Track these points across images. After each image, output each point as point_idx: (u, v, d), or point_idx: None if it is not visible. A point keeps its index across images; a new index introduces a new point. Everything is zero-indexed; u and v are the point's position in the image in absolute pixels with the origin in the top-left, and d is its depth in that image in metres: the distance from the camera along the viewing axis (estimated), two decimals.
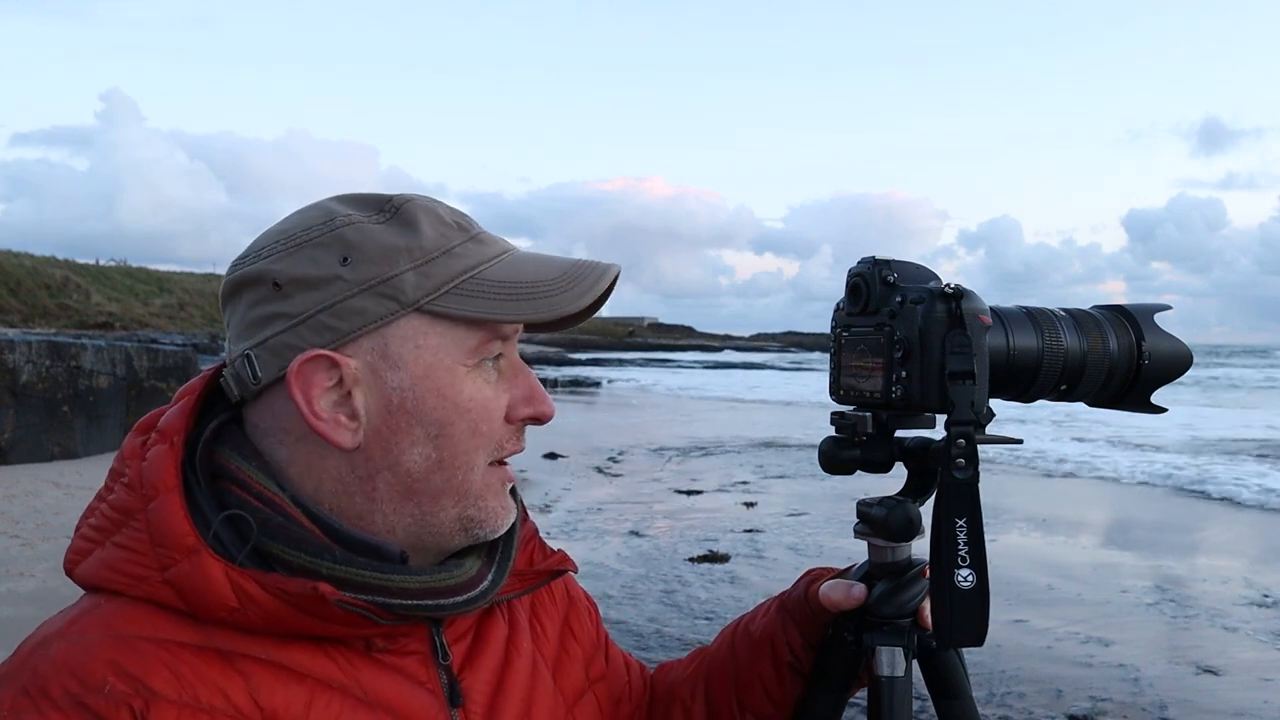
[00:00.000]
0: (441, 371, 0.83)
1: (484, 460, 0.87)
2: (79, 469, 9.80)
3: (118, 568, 0.78)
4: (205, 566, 0.76)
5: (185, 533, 0.77)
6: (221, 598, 0.76)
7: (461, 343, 0.84)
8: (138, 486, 0.80)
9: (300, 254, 0.82)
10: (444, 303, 0.82)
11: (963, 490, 0.90)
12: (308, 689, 0.79)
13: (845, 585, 1.00)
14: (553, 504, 9.56)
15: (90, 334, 21.48)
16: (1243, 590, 6.77)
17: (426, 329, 0.83)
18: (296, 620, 0.78)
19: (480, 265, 0.84)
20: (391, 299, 0.81)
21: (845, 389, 1.01)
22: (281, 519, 0.81)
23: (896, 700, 0.98)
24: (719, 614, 6.02)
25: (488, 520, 0.88)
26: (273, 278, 0.82)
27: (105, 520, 0.81)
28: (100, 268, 46.95)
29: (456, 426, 0.84)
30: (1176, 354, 1.04)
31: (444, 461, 0.84)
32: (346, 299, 0.81)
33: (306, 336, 0.81)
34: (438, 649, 0.88)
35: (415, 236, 0.83)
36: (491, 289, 0.84)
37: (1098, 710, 4.59)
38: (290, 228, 0.85)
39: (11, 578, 6.02)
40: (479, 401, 0.85)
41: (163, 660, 0.75)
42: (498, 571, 0.90)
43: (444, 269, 0.83)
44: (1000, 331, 0.97)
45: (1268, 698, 4.77)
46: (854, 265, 1.01)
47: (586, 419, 20.26)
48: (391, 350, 0.82)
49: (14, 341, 10.58)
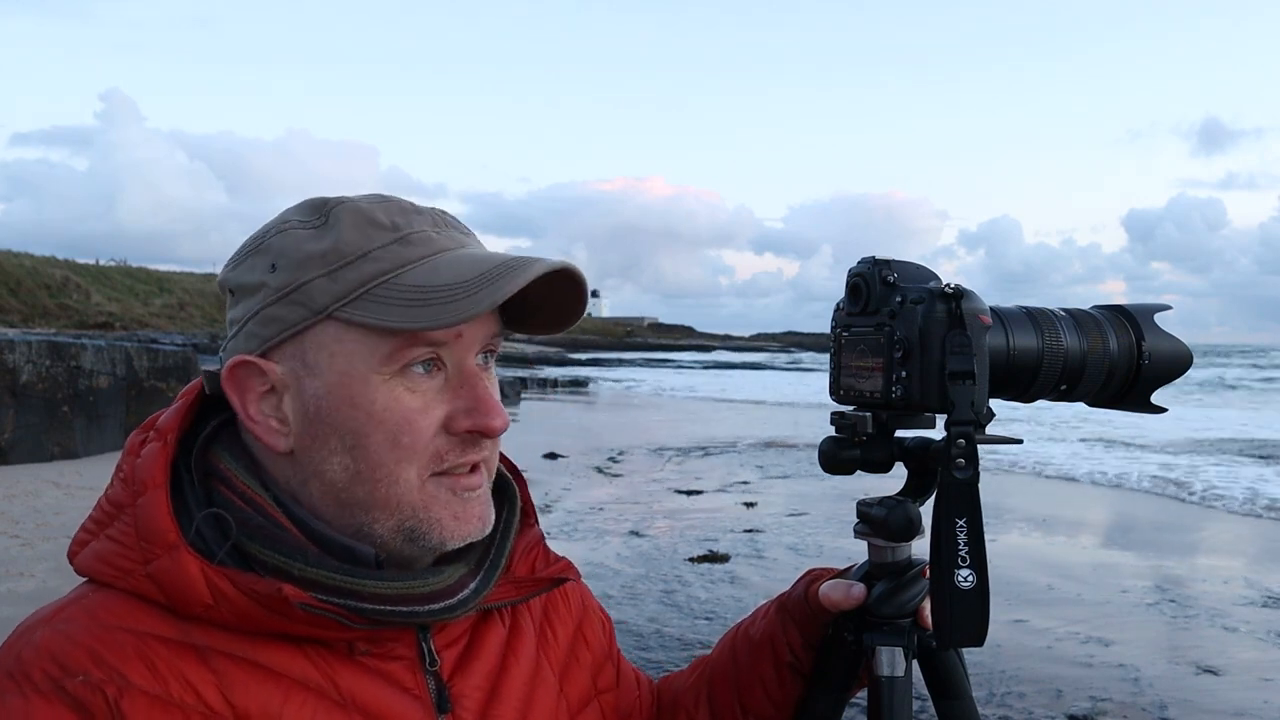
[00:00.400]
0: (355, 380, 0.81)
1: (412, 472, 0.83)
2: (79, 469, 9.80)
3: (107, 559, 0.81)
4: (183, 563, 0.78)
5: (167, 529, 0.79)
6: (198, 594, 0.78)
7: (375, 350, 0.81)
8: (130, 482, 0.82)
9: (245, 262, 0.86)
10: (353, 309, 0.80)
11: (963, 490, 0.90)
12: (283, 689, 0.80)
13: (845, 585, 1.00)
14: (553, 504, 9.56)
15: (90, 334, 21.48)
16: (1243, 590, 6.77)
17: (341, 335, 0.81)
18: (267, 620, 0.79)
19: (396, 270, 0.81)
20: (303, 305, 0.81)
21: (845, 389, 1.01)
22: (261, 519, 0.83)
23: (896, 700, 0.98)
24: (719, 614, 6.02)
25: (432, 532, 0.84)
26: (227, 285, 0.88)
27: (102, 513, 0.84)
28: (100, 268, 46.93)
29: (372, 438, 0.82)
30: (1176, 354, 1.04)
31: (363, 473, 0.82)
32: (268, 306, 0.83)
33: (241, 343, 0.85)
34: (425, 655, 0.87)
35: (333, 241, 0.82)
36: (402, 295, 0.80)
37: (1098, 710, 4.58)
38: (251, 235, 0.88)
39: (11, 578, 6.02)
40: (396, 412, 0.82)
41: (139, 652, 0.77)
42: (483, 579, 0.89)
43: (355, 274, 0.81)
44: (1000, 331, 0.97)
45: (1268, 698, 4.77)
46: (854, 265, 1.00)
47: (586, 419, 20.26)
48: (309, 357, 0.82)
49: (14, 341, 10.58)
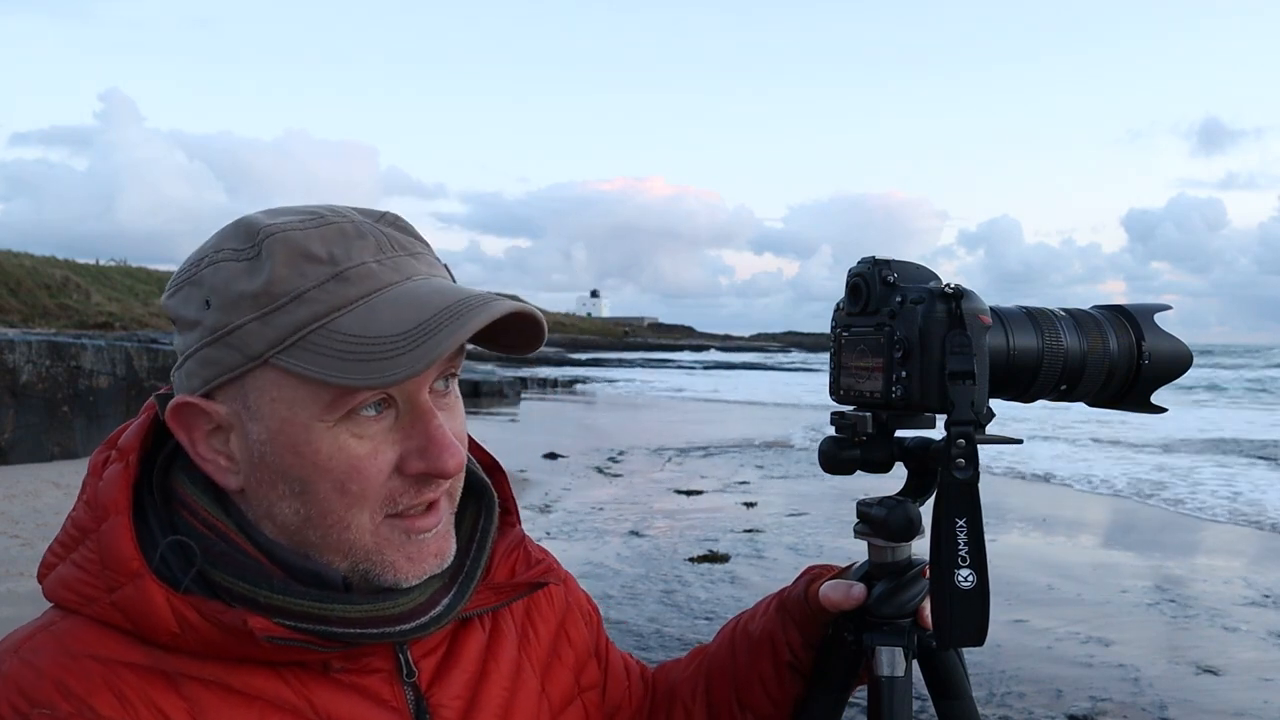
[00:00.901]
0: (296, 428, 0.78)
1: (364, 517, 0.80)
2: (79, 469, 9.77)
3: (72, 586, 0.79)
4: (148, 591, 0.76)
5: (130, 556, 0.77)
6: (164, 622, 0.76)
7: (315, 399, 0.77)
8: (93, 506, 0.80)
9: (182, 292, 0.81)
10: (287, 357, 0.76)
11: (963, 490, 0.90)
12: (256, 711, 0.79)
13: (845, 585, 1.00)
14: (553, 504, 9.56)
15: (90, 334, 21.46)
16: (1243, 590, 6.77)
17: (280, 381, 0.77)
18: (234, 647, 0.78)
19: (330, 314, 0.76)
20: (238, 350, 0.77)
21: (845, 389, 1.01)
22: (225, 546, 0.81)
23: (896, 700, 0.98)
24: (719, 614, 6.02)
25: (386, 573, 0.82)
26: (169, 313, 0.83)
27: (67, 536, 0.82)
28: (100, 268, 46.92)
29: (318, 486, 0.79)
30: (1176, 354, 1.04)
31: (313, 519, 0.80)
32: (204, 346, 0.79)
33: (183, 381, 0.81)
34: (402, 666, 0.86)
35: (265, 280, 0.76)
36: (337, 345, 0.75)
37: (1098, 710, 4.58)
38: (189, 258, 0.83)
39: (11, 578, 6.02)
40: (342, 460, 0.78)
41: (107, 681, 0.76)
42: (456, 594, 0.88)
43: (288, 319, 0.76)
44: (1000, 331, 0.97)
45: (1268, 698, 4.77)
46: (854, 265, 1.00)
47: (586, 419, 20.26)
48: (250, 401, 0.79)
49: (14, 341, 10.58)
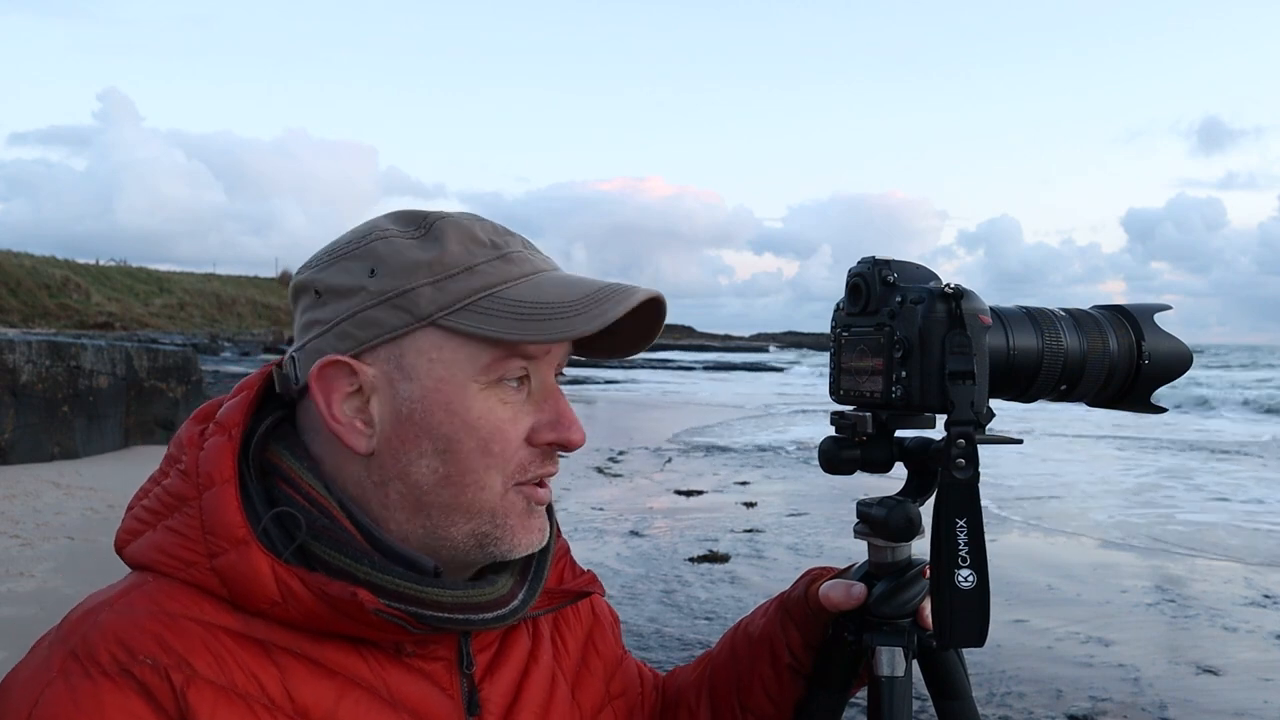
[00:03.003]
0: (452, 387, 0.84)
1: (498, 480, 0.86)
2: (79, 469, 9.80)
3: (168, 550, 0.81)
4: (253, 559, 0.79)
5: (237, 524, 0.80)
6: (265, 590, 0.79)
7: (475, 359, 0.84)
8: (194, 475, 0.82)
9: (338, 265, 0.87)
10: (457, 319, 0.83)
11: (963, 490, 0.91)
12: (338, 685, 0.81)
13: (845, 585, 1.00)
14: (553, 504, 9.56)
15: (90, 334, 21.46)
16: (1243, 590, 6.77)
17: (441, 343, 0.84)
18: (333, 620, 0.80)
19: (501, 284, 0.84)
20: (406, 311, 0.83)
21: (845, 389, 1.01)
22: (326, 521, 0.83)
23: (896, 700, 0.99)
24: (719, 614, 6.02)
25: (504, 539, 0.87)
26: (314, 286, 0.88)
27: (159, 504, 0.84)
28: (100, 268, 46.94)
29: (464, 444, 0.84)
30: (1176, 354, 1.04)
31: (451, 477, 0.85)
32: (367, 309, 0.84)
33: (332, 343, 0.85)
34: (463, 657, 0.89)
35: (439, 252, 0.84)
36: (507, 308, 0.83)
37: (1098, 710, 4.59)
38: (340, 240, 0.89)
39: (11, 578, 6.01)
40: (490, 421, 0.85)
41: (205, 641, 0.78)
42: (529, 590, 0.91)
43: (461, 285, 0.84)
44: (1000, 331, 0.97)
45: (1268, 698, 4.77)
46: (854, 265, 1.01)
47: (586, 419, 20.22)
48: (406, 361, 0.84)
49: (14, 341, 10.59)
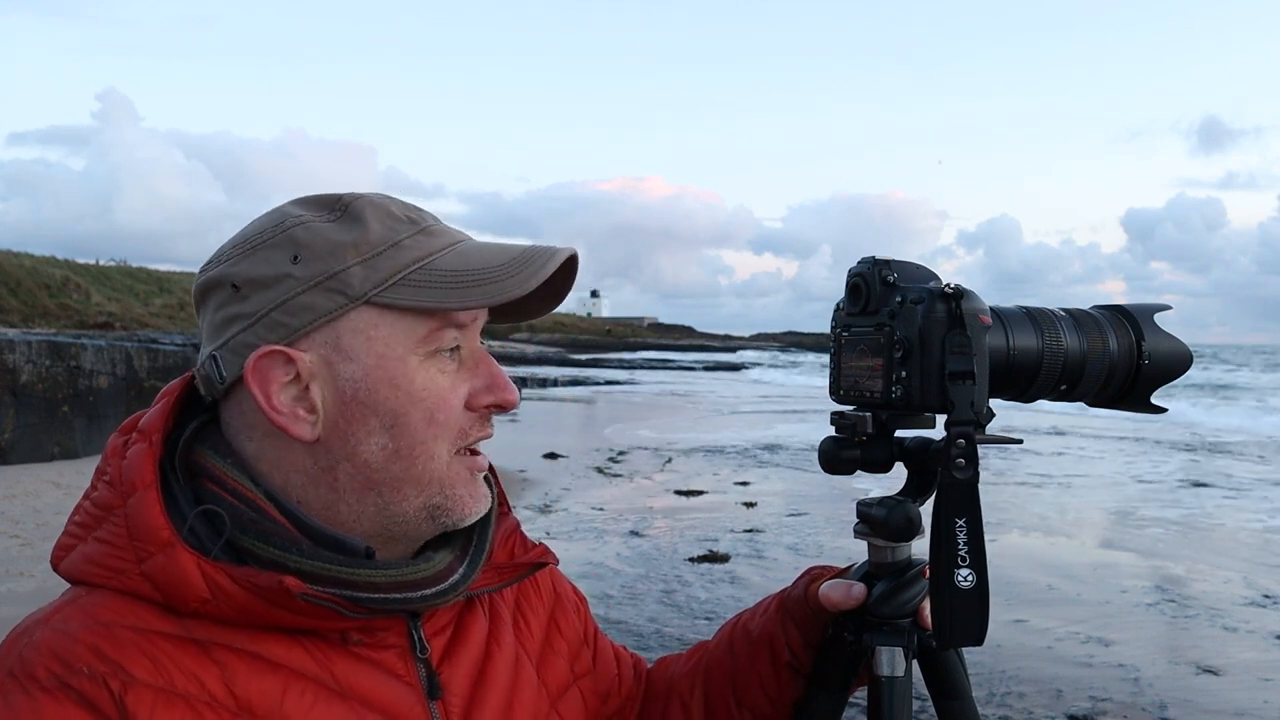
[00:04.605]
0: (393, 361, 0.85)
1: (445, 449, 0.87)
2: (79, 469, 9.81)
3: (98, 561, 0.81)
4: (179, 559, 0.79)
5: (160, 526, 0.79)
6: (194, 589, 0.79)
7: (412, 332, 0.85)
8: (118, 483, 0.82)
9: (255, 256, 0.86)
10: (392, 294, 0.84)
11: (963, 490, 0.91)
12: (282, 679, 0.81)
13: (845, 585, 1.00)
14: (553, 504, 9.56)
15: (90, 334, 21.45)
16: (1243, 590, 6.77)
17: (377, 320, 0.84)
18: (266, 612, 0.80)
19: (428, 256, 0.86)
20: (339, 293, 0.84)
21: (845, 389, 1.01)
22: (254, 514, 0.84)
23: (896, 700, 0.99)
24: (719, 614, 6.02)
25: (454, 508, 0.88)
26: (231, 280, 0.86)
27: (88, 516, 0.84)
28: (100, 268, 46.93)
29: (411, 416, 0.85)
30: (1176, 354, 1.04)
31: (400, 451, 0.86)
32: (296, 295, 0.84)
33: (262, 334, 0.84)
34: (416, 642, 0.89)
35: (362, 232, 0.85)
36: (439, 279, 0.85)
37: (1098, 710, 4.59)
38: (248, 232, 0.88)
39: (11, 578, 6.02)
40: (433, 390, 0.86)
41: (140, 647, 0.78)
42: (469, 564, 0.92)
43: (391, 261, 0.85)
44: (1000, 331, 0.97)
45: (1268, 698, 4.77)
46: (854, 265, 1.01)
47: (586, 419, 20.27)
48: (344, 343, 0.84)
49: (14, 341, 10.58)
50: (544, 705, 0.98)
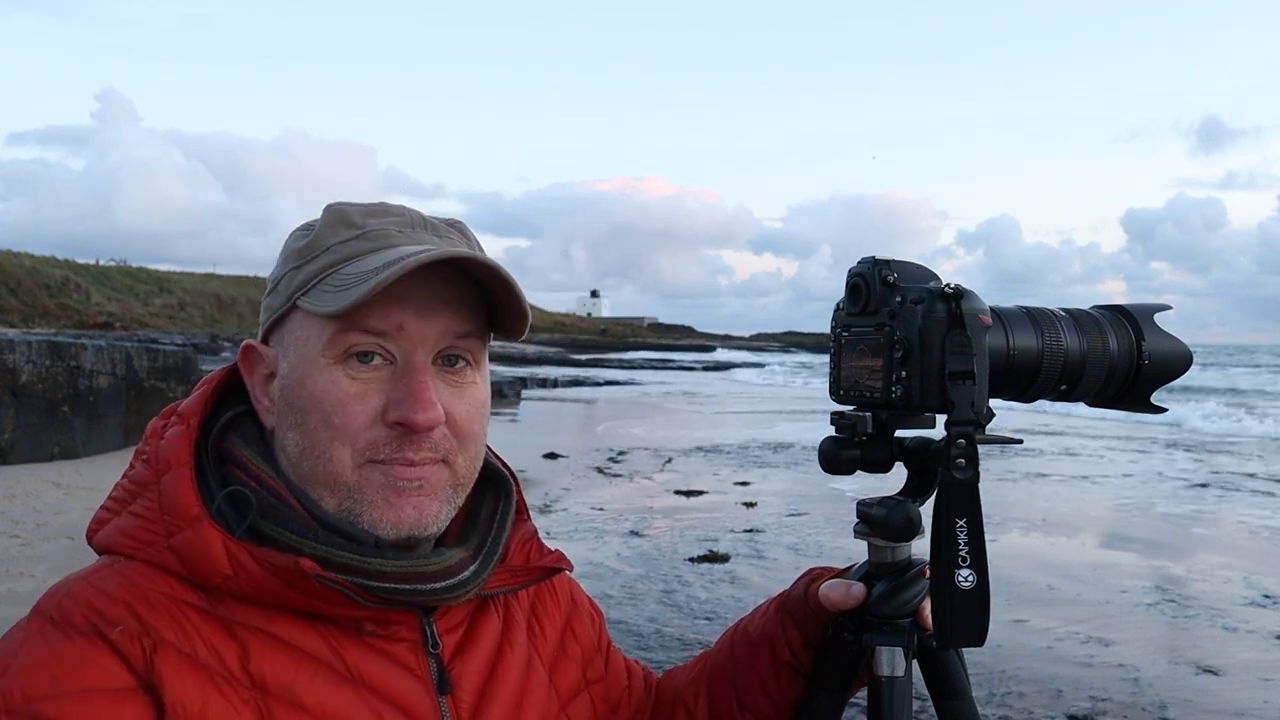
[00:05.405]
0: (307, 362, 0.89)
1: (346, 454, 0.87)
2: (79, 469, 9.80)
3: (129, 533, 0.86)
4: (205, 535, 0.83)
5: (191, 503, 0.84)
6: (217, 565, 0.82)
7: (319, 335, 0.88)
8: (154, 461, 0.87)
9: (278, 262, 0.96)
10: (308, 298, 0.89)
11: (963, 490, 0.91)
12: (295, 660, 0.84)
13: (845, 585, 1.01)
14: (553, 504, 9.55)
15: (90, 334, 21.46)
16: (1243, 590, 6.77)
17: (301, 322, 0.90)
18: (283, 593, 0.83)
19: (344, 261, 0.89)
20: (281, 295, 0.92)
21: (845, 389, 1.01)
22: (274, 500, 0.88)
23: (896, 700, 0.99)
24: (719, 614, 6.02)
25: (365, 515, 0.88)
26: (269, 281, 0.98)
27: (124, 492, 0.89)
28: (100, 268, 46.93)
29: (312, 416, 0.88)
30: (1176, 354, 1.04)
31: (306, 450, 0.89)
32: (265, 296, 0.95)
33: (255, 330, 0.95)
34: (428, 638, 0.91)
35: (310, 238, 0.92)
36: (336, 283, 0.87)
37: (1098, 710, 4.58)
38: None
39: (11, 578, 6.01)
40: (332, 394, 0.87)
41: (170, 613, 0.82)
42: (482, 563, 0.93)
43: (314, 266, 0.90)
44: (1000, 331, 0.97)
45: (1268, 698, 4.77)
46: (854, 265, 1.01)
47: (586, 419, 20.27)
48: (285, 342, 0.92)
49: (14, 341, 10.58)
50: (554, 708, 0.99)
